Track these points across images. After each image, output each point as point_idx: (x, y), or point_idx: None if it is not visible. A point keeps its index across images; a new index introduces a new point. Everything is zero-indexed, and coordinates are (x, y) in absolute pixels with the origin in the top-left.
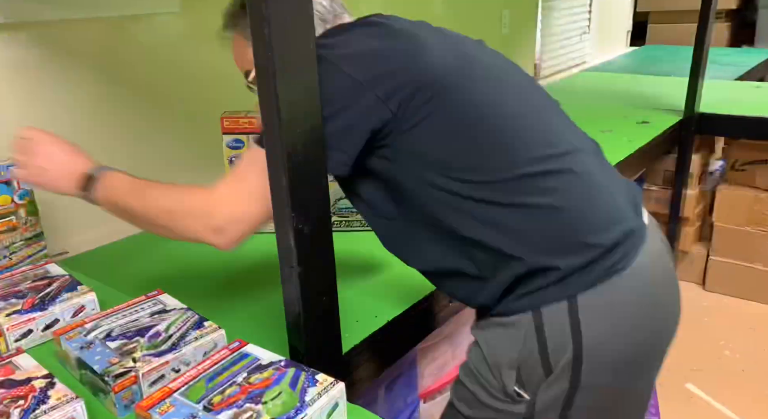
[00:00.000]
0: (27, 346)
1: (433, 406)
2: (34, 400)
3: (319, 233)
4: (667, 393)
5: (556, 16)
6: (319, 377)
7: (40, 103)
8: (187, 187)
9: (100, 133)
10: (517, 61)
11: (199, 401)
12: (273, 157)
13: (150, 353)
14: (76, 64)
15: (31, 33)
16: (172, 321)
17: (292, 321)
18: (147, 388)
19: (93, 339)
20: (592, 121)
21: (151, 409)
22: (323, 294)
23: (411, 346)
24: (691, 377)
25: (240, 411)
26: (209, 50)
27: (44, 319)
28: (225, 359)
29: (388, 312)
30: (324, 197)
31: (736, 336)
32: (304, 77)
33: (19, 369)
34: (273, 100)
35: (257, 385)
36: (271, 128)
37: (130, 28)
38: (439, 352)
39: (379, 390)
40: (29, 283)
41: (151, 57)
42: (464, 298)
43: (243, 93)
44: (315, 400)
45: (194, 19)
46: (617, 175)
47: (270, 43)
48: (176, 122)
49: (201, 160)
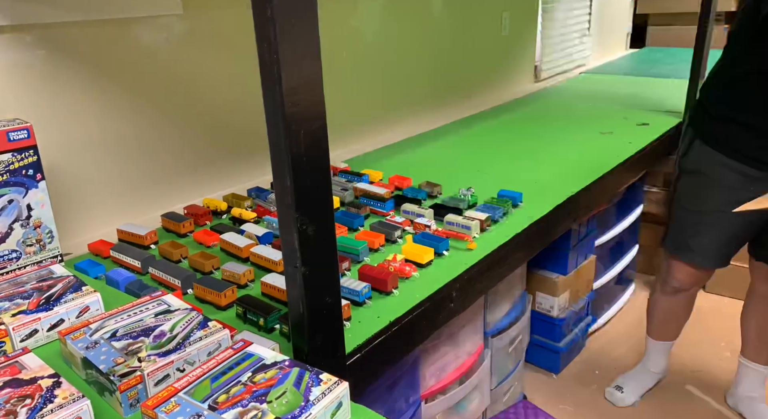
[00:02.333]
0: (33, 346)
1: (434, 406)
2: (40, 399)
3: (323, 234)
4: (667, 395)
5: (556, 18)
6: (323, 376)
7: (45, 104)
8: None
9: (104, 133)
10: (516, 63)
11: (204, 400)
12: (277, 158)
13: (155, 353)
14: (80, 65)
15: (35, 35)
16: (177, 321)
17: (295, 321)
18: (152, 388)
19: (98, 339)
20: (591, 123)
21: (156, 408)
22: (327, 295)
23: (413, 347)
24: (692, 378)
25: (245, 410)
26: (211, 52)
27: (49, 319)
28: (229, 358)
29: (391, 312)
30: (328, 198)
31: (736, 338)
32: (309, 79)
33: (25, 369)
34: (277, 101)
35: (262, 384)
36: (275, 129)
37: (133, 30)
38: (440, 353)
39: (381, 390)
40: (34, 283)
41: (154, 58)
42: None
43: (243, 94)
44: (319, 399)
45: (196, 21)
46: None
47: (275, 45)
48: (177, 122)
49: (201, 160)
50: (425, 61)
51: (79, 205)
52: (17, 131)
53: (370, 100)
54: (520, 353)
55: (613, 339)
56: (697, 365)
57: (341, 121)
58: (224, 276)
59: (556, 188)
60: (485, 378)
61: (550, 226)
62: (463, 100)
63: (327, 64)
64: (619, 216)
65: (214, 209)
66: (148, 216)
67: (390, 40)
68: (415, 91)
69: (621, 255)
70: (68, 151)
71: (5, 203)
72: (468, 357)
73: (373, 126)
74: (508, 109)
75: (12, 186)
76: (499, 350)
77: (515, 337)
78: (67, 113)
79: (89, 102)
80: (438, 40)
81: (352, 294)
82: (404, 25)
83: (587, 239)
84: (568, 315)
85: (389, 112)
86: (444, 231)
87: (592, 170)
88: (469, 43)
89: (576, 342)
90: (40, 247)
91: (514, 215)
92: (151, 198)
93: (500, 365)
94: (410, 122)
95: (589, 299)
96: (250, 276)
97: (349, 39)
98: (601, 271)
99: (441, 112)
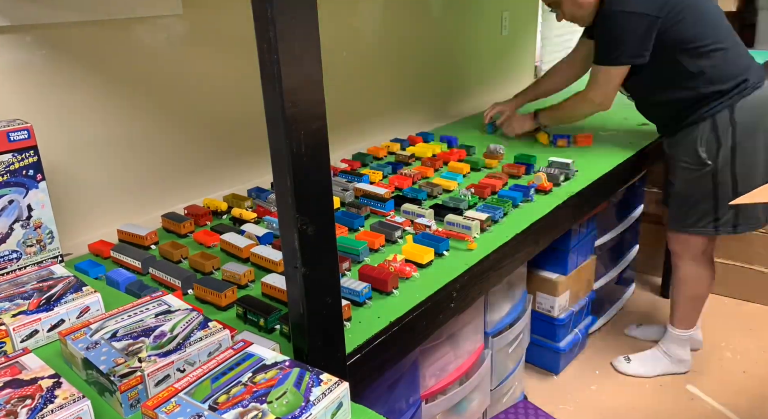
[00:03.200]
0: (33, 346)
1: (435, 407)
2: (41, 400)
3: (323, 234)
4: (668, 395)
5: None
6: (323, 377)
7: (45, 104)
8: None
9: (104, 134)
10: (517, 62)
11: (204, 400)
12: (277, 158)
13: (155, 353)
14: (80, 65)
15: (36, 35)
16: (177, 321)
17: (296, 322)
18: (152, 388)
19: (99, 339)
20: (592, 123)
21: (157, 409)
22: (327, 295)
23: (413, 347)
24: (692, 378)
25: (245, 411)
26: (211, 52)
27: (50, 320)
28: (230, 359)
29: (391, 313)
30: (328, 198)
31: (736, 338)
32: (309, 79)
33: (25, 369)
34: (277, 101)
35: (262, 385)
36: (275, 130)
37: (133, 30)
38: (440, 353)
39: (381, 390)
40: (34, 284)
41: (154, 59)
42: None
43: (243, 94)
44: (320, 400)
45: (196, 22)
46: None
47: (275, 45)
48: (178, 122)
49: (201, 160)
50: (425, 61)
51: (79, 205)
52: (17, 131)
53: (370, 99)
54: (520, 353)
55: (614, 339)
56: (697, 365)
57: (341, 121)
58: (224, 277)
59: (557, 188)
60: (485, 378)
61: (551, 226)
62: (463, 100)
63: (327, 64)
64: (619, 216)
65: (214, 209)
66: (148, 216)
67: (390, 40)
68: (415, 91)
69: (621, 255)
70: (68, 152)
71: (6, 203)
72: (468, 357)
73: (373, 126)
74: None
75: (12, 186)
76: (500, 350)
77: (515, 337)
78: (68, 113)
79: (89, 102)
80: (438, 40)
81: (352, 294)
82: (404, 25)
83: (587, 239)
84: (568, 315)
85: (389, 112)
86: (444, 232)
87: (592, 170)
88: (469, 43)
89: (576, 342)
90: (41, 248)
91: (514, 215)
92: (152, 198)
93: (500, 365)
94: (410, 122)
95: (589, 299)
96: (250, 277)
97: (349, 39)
98: (601, 271)
99: (441, 112)
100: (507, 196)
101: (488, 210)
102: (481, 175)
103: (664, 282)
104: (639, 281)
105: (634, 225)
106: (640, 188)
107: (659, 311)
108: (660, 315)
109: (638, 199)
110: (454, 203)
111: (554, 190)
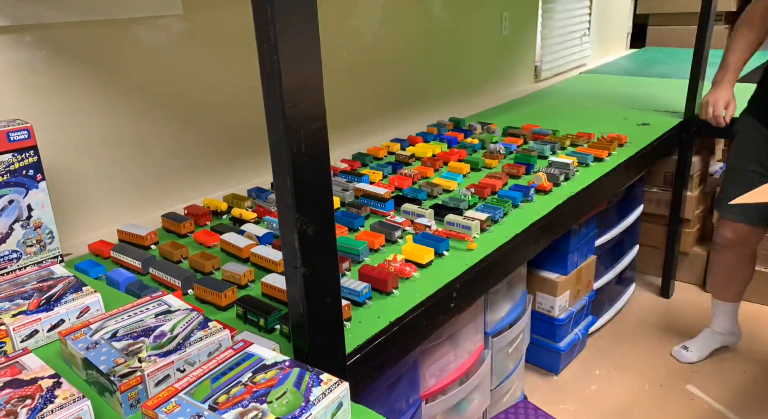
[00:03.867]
0: (33, 346)
1: (435, 407)
2: (41, 400)
3: (323, 234)
4: (668, 395)
5: (556, 18)
6: (323, 377)
7: (45, 104)
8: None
9: (104, 133)
10: (517, 63)
11: (204, 400)
12: (277, 158)
13: (155, 353)
14: (80, 65)
15: (36, 35)
16: (177, 321)
17: (296, 322)
18: (152, 388)
19: (99, 339)
20: (592, 123)
21: (157, 409)
22: (327, 295)
23: (413, 347)
24: (692, 378)
25: (245, 411)
26: (211, 52)
27: (50, 320)
28: (230, 359)
29: (391, 313)
30: (328, 198)
31: None
32: (309, 80)
33: (25, 369)
34: (277, 101)
35: (262, 385)
36: (275, 130)
37: (133, 30)
38: (440, 353)
39: (381, 390)
40: (34, 284)
41: (154, 59)
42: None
43: (243, 94)
44: (319, 400)
45: (196, 21)
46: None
47: (275, 45)
48: (178, 122)
49: (201, 160)
50: (425, 60)
51: (79, 205)
52: (17, 131)
53: (370, 100)
54: (520, 353)
55: (614, 339)
56: (698, 364)
57: (341, 121)
58: (224, 277)
59: (557, 188)
60: (485, 378)
61: (551, 226)
62: (463, 99)
63: (327, 64)
64: (619, 216)
65: (214, 209)
66: (148, 216)
67: (390, 40)
68: (415, 91)
69: (621, 255)
70: (68, 152)
71: (5, 203)
72: (468, 357)
73: (373, 126)
74: (509, 109)
75: (12, 186)
76: (500, 350)
77: (515, 337)
78: (68, 113)
79: (90, 102)
80: (438, 40)
81: (352, 294)
82: (404, 25)
83: (587, 239)
84: (568, 315)
85: (389, 112)
86: (444, 232)
87: (592, 170)
88: (469, 43)
89: (576, 342)
90: (41, 248)
91: (514, 215)
92: (152, 198)
93: (500, 365)
94: (410, 122)
95: (589, 299)
96: (250, 277)
97: (349, 39)
98: (601, 271)
99: (441, 112)
100: (507, 196)
101: (488, 210)
102: (481, 175)
103: (664, 283)
104: (639, 281)
105: (634, 225)
106: (640, 188)
107: (661, 313)
108: (670, 320)
109: (638, 198)
110: (454, 203)
111: (554, 190)
